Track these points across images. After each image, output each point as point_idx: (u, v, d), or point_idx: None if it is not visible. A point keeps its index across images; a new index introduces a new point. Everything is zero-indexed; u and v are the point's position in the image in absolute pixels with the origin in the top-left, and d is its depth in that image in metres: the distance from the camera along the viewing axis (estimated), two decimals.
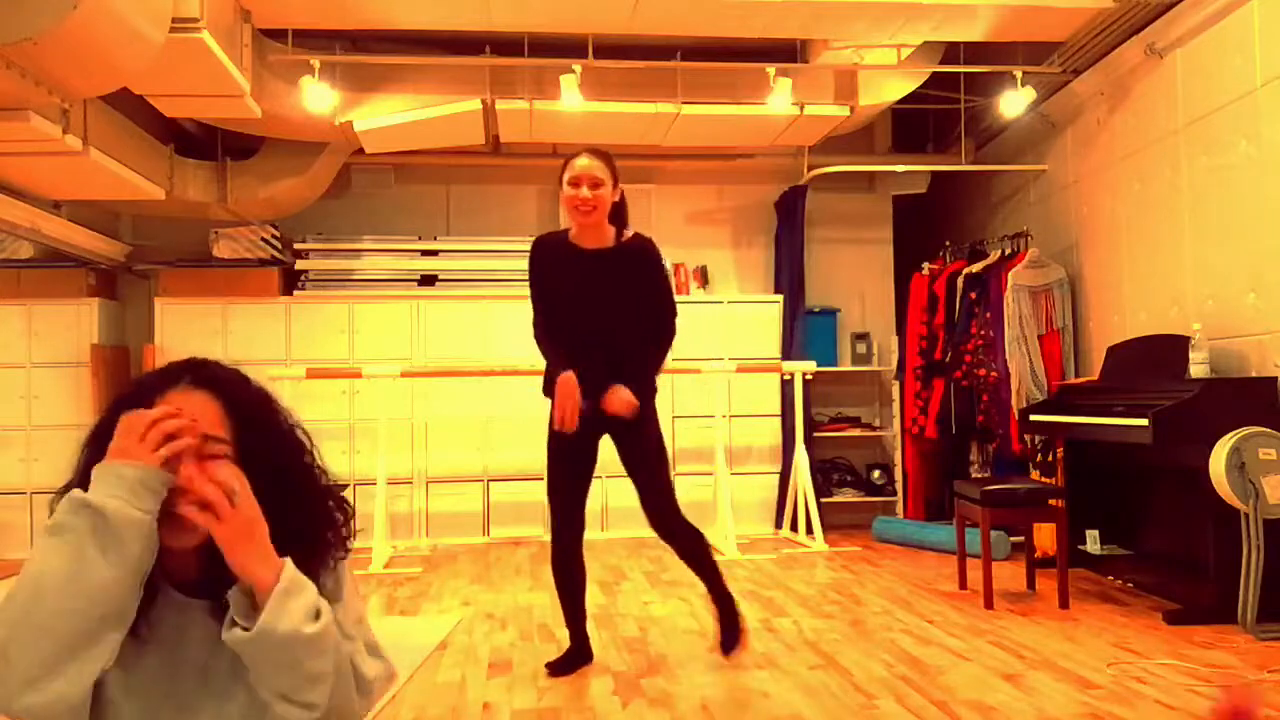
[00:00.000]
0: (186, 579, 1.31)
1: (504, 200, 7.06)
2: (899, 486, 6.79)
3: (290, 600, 1.22)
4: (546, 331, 3.28)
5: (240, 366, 1.48)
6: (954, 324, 6.11)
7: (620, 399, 3.15)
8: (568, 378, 3.12)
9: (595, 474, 3.33)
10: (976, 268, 6.04)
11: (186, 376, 1.32)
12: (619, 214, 3.28)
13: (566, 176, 3.19)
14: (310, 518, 1.38)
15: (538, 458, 3.48)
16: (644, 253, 3.29)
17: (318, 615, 1.23)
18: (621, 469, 3.33)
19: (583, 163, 3.17)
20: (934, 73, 5.77)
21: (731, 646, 3.39)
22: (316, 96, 5.04)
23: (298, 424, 1.45)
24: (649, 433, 3.30)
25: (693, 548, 3.34)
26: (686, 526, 3.31)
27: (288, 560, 1.25)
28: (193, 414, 1.27)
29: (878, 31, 5.02)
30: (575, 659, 3.37)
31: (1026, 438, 5.41)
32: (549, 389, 3.22)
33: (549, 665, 3.34)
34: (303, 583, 1.24)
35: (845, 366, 7.04)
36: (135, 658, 1.27)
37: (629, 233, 3.30)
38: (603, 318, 3.23)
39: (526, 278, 3.35)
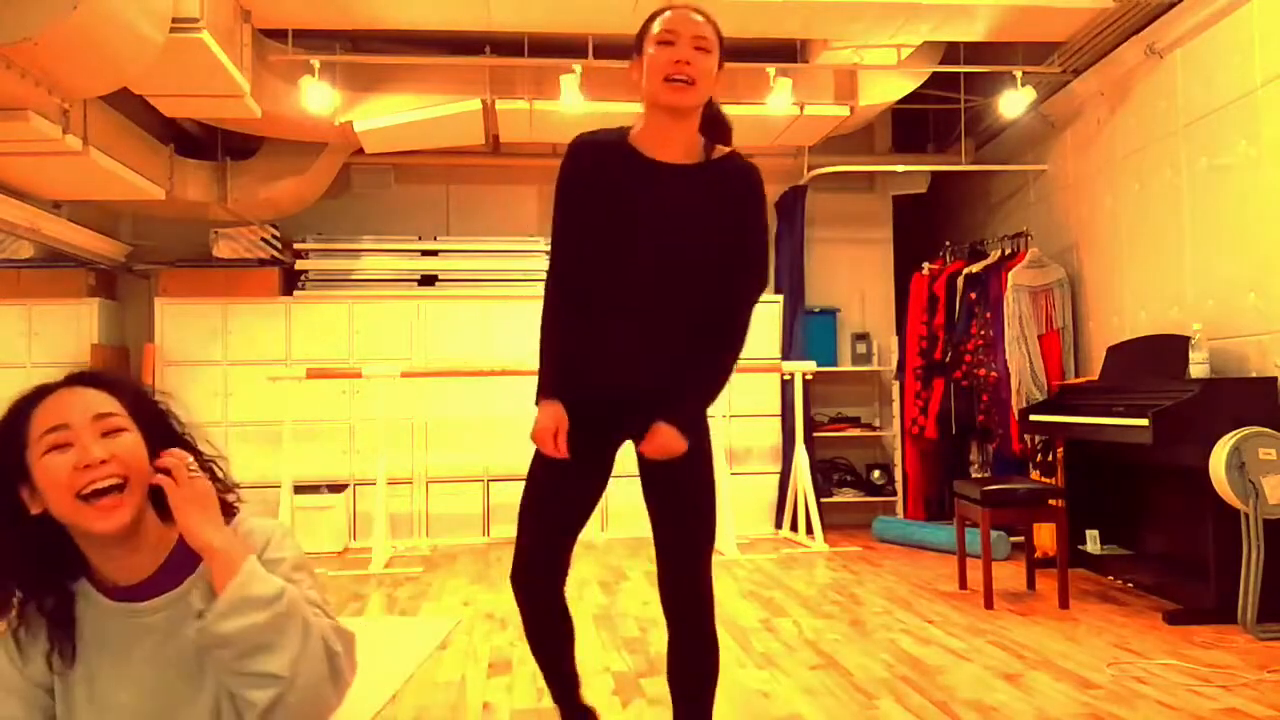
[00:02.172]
0: (137, 579, 1.34)
1: (504, 200, 7.06)
2: (899, 486, 6.79)
3: (251, 585, 1.25)
4: (564, 293, 2.14)
5: (240, 367, 1.51)
6: (954, 324, 6.11)
7: (665, 441, 2.05)
8: (547, 415, 2.09)
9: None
10: (976, 268, 6.04)
11: (65, 382, 1.37)
12: (713, 121, 2.14)
13: (652, 33, 2.05)
14: (210, 478, 1.41)
15: None
16: (748, 180, 2.13)
17: (280, 595, 1.26)
18: (622, 470, 2.27)
19: (679, 13, 2.05)
20: (934, 73, 5.77)
21: None
22: (316, 96, 5.04)
23: (170, 408, 1.46)
24: (699, 470, 2.14)
25: (704, 661, 2.16)
26: (711, 626, 2.15)
27: (251, 557, 1.29)
28: (82, 402, 1.31)
29: (878, 31, 5.02)
30: None
31: (1026, 438, 5.41)
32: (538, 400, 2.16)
33: None
34: (263, 572, 1.28)
35: (845, 366, 7.04)
36: (87, 682, 1.32)
37: (722, 150, 2.13)
38: (675, 269, 2.08)
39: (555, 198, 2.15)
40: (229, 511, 1.39)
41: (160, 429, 1.38)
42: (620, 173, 2.08)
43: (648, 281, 2.08)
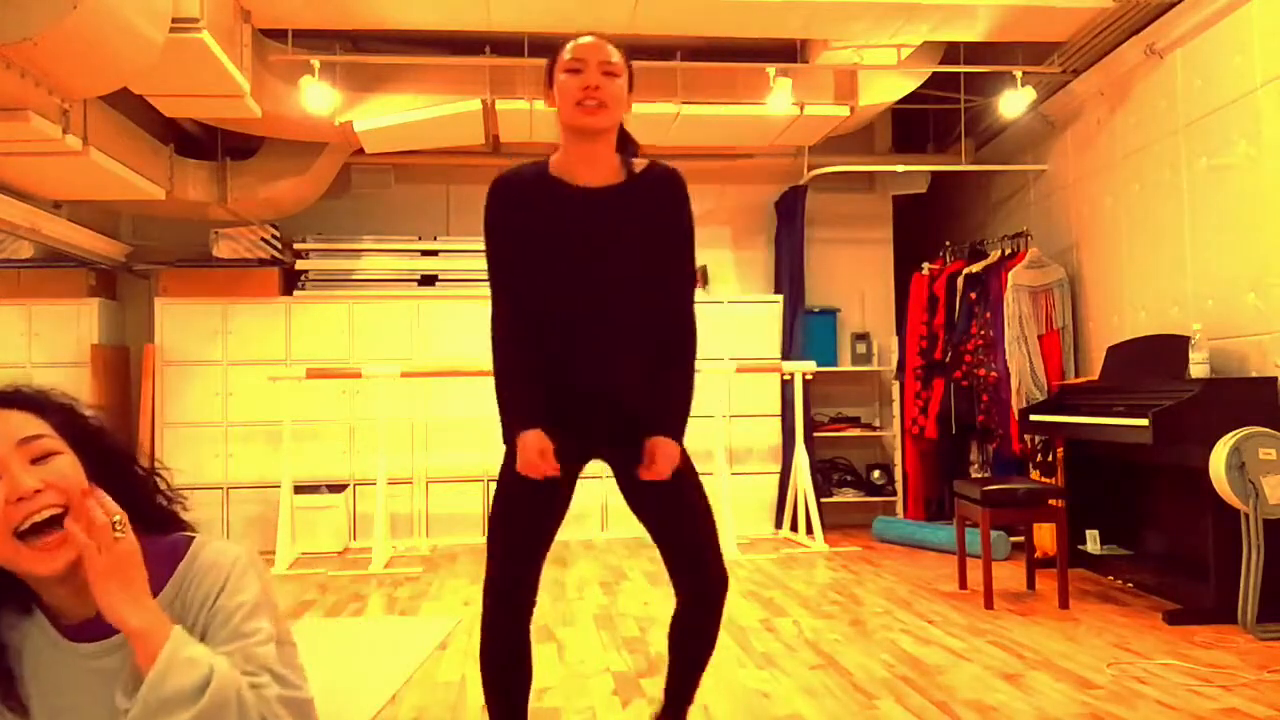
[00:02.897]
0: (83, 617, 1.20)
1: None
2: (899, 486, 6.78)
3: (170, 679, 1.10)
4: (513, 332, 2.13)
5: (240, 367, 1.44)
6: (954, 324, 6.11)
7: (665, 456, 2.11)
8: (532, 442, 2.05)
9: (596, 473, 2.39)
10: (976, 268, 6.04)
11: None
12: (623, 143, 2.21)
13: (562, 61, 2.15)
14: (152, 495, 1.30)
15: None
16: (671, 186, 2.19)
17: (206, 684, 1.11)
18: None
19: (588, 40, 2.18)
20: (934, 73, 5.77)
21: None
22: (316, 96, 5.04)
23: (104, 424, 1.33)
24: (685, 473, 2.20)
25: (713, 631, 2.27)
26: (724, 601, 2.24)
27: (175, 629, 1.14)
28: (4, 428, 1.17)
29: (878, 31, 5.02)
30: None
31: (1026, 438, 5.41)
32: (510, 436, 2.11)
33: None
34: (184, 658, 1.12)
35: (845, 366, 7.04)
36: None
37: (640, 163, 2.19)
38: (605, 287, 2.12)
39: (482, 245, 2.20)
40: (172, 526, 1.29)
41: (95, 448, 1.23)
42: (545, 203, 2.12)
43: (591, 303, 2.11)
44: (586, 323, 2.11)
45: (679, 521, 2.20)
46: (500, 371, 2.14)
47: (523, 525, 2.17)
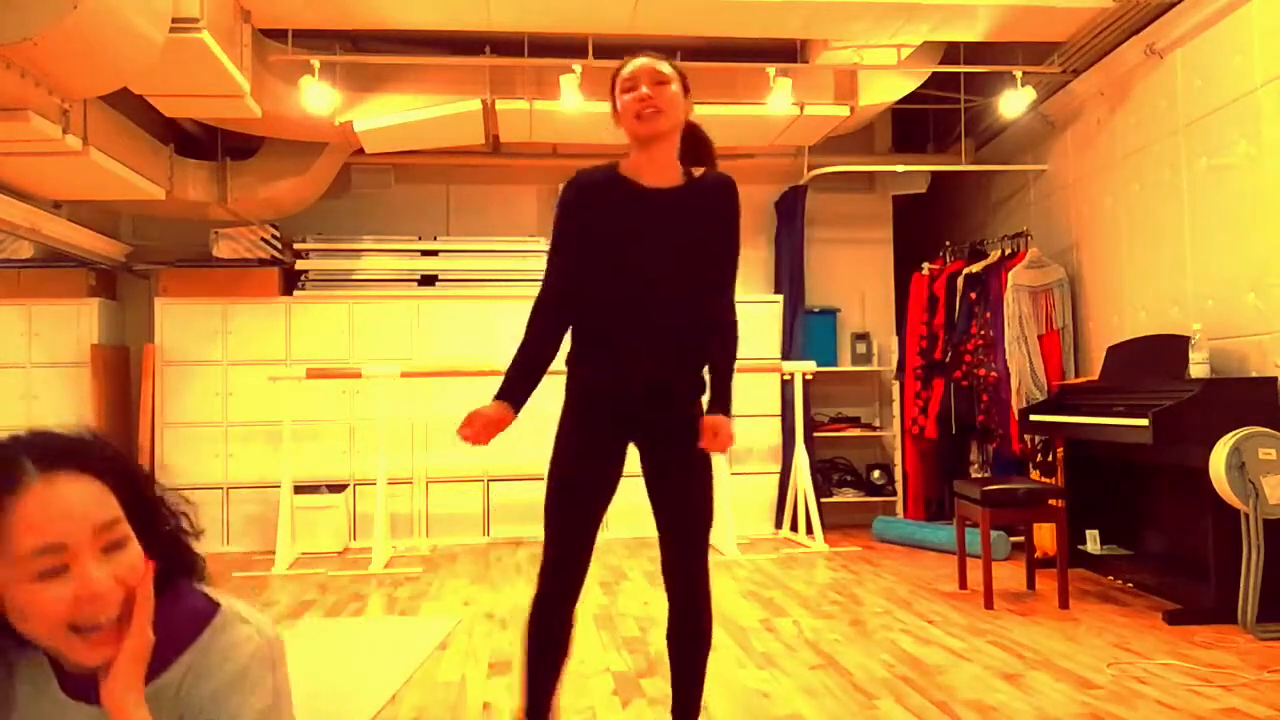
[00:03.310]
0: (87, 670, 1.09)
1: (504, 200, 7.06)
2: (899, 486, 6.78)
3: None
4: (546, 314, 2.38)
5: (240, 367, 1.34)
6: (954, 324, 6.11)
7: (723, 431, 2.32)
8: (490, 411, 2.32)
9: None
10: (976, 268, 6.05)
11: (29, 462, 1.05)
12: (694, 145, 2.45)
13: (620, 83, 2.36)
14: (180, 540, 1.19)
15: (538, 458, 3.17)
16: (727, 192, 2.40)
17: None
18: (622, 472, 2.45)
19: (637, 62, 2.35)
20: (934, 73, 5.77)
21: None
22: (316, 96, 5.04)
23: (142, 469, 1.21)
24: (704, 473, 2.39)
25: (703, 629, 2.42)
26: (709, 601, 2.41)
27: None
28: (80, 508, 1.03)
29: (878, 31, 5.02)
30: None
31: (1026, 438, 5.41)
32: (575, 380, 2.42)
33: None
34: None
35: (845, 366, 7.04)
36: None
37: (698, 169, 2.41)
38: (662, 280, 2.33)
39: (553, 230, 2.39)
40: (194, 572, 1.18)
41: (140, 506, 1.12)
42: (613, 200, 2.34)
43: (647, 291, 2.32)
44: (639, 308, 2.32)
45: (687, 519, 2.37)
46: (521, 344, 2.40)
47: (572, 508, 2.35)
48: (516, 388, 2.36)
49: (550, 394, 2.49)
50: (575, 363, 2.40)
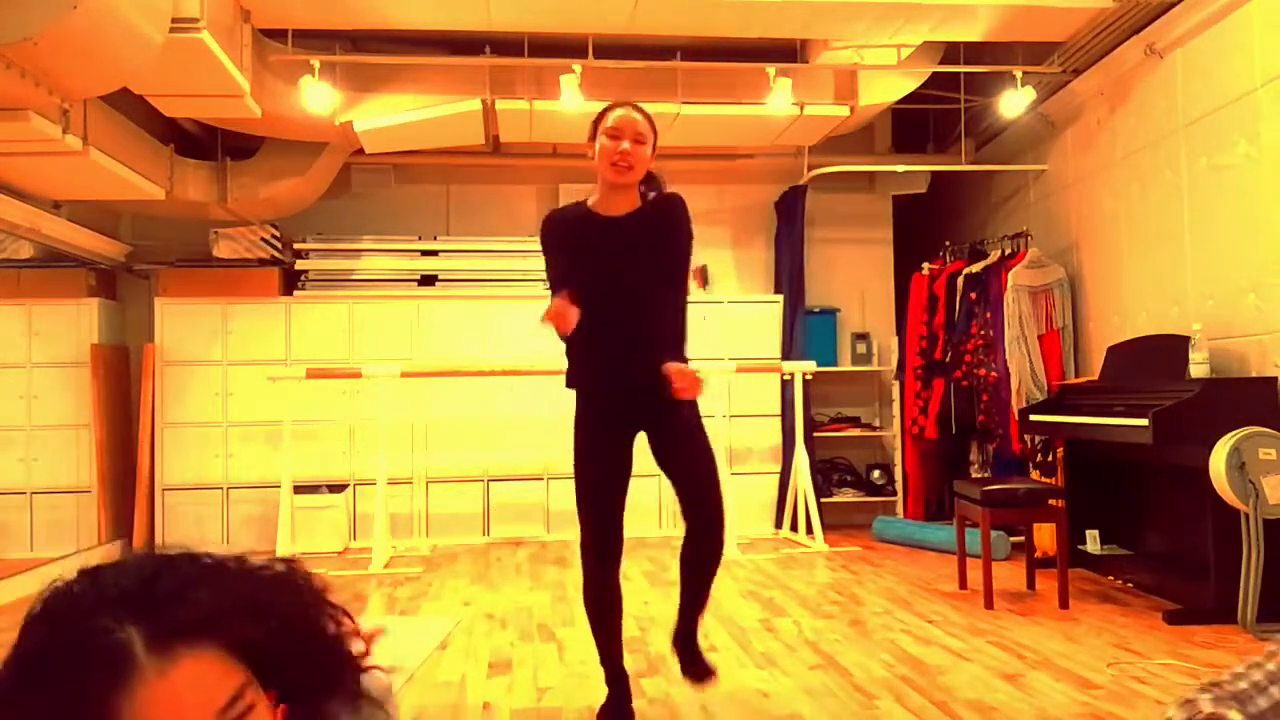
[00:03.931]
0: None
1: (504, 200, 7.06)
2: (899, 486, 6.79)
3: None
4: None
5: (240, 367, 1.18)
6: (954, 324, 6.11)
7: (689, 379, 2.65)
8: (560, 303, 2.63)
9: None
10: (976, 268, 6.05)
11: (139, 644, 0.84)
12: (649, 181, 2.89)
13: (604, 126, 2.77)
14: (352, 669, 1.06)
15: (538, 458, 3.31)
16: (671, 211, 2.82)
17: None
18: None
19: (624, 113, 2.77)
20: (934, 73, 5.77)
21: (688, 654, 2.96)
22: (316, 96, 5.04)
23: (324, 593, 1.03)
24: (700, 437, 2.84)
25: (717, 549, 2.87)
26: (723, 527, 2.87)
27: None
28: (197, 694, 0.86)
29: (878, 31, 5.02)
30: (620, 705, 2.89)
31: (1026, 438, 5.41)
32: (572, 381, 2.87)
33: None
34: None
35: (845, 366, 7.04)
36: None
37: (650, 193, 2.87)
38: (627, 293, 2.77)
39: (542, 266, 2.90)
40: (349, 692, 1.05)
41: (286, 648, 0.94)
42: (582, 231, 2.83)
43: (621, 303, 2.76)
44: (613, 331, 2.76)
45: (694, 466, 2.83)
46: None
47: (598, 493, 2.82)
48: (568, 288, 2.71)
49: (548, 401, 2.67)
50: (575, 373, 2.85)
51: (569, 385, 2.87)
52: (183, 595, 0.87)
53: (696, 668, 2.95)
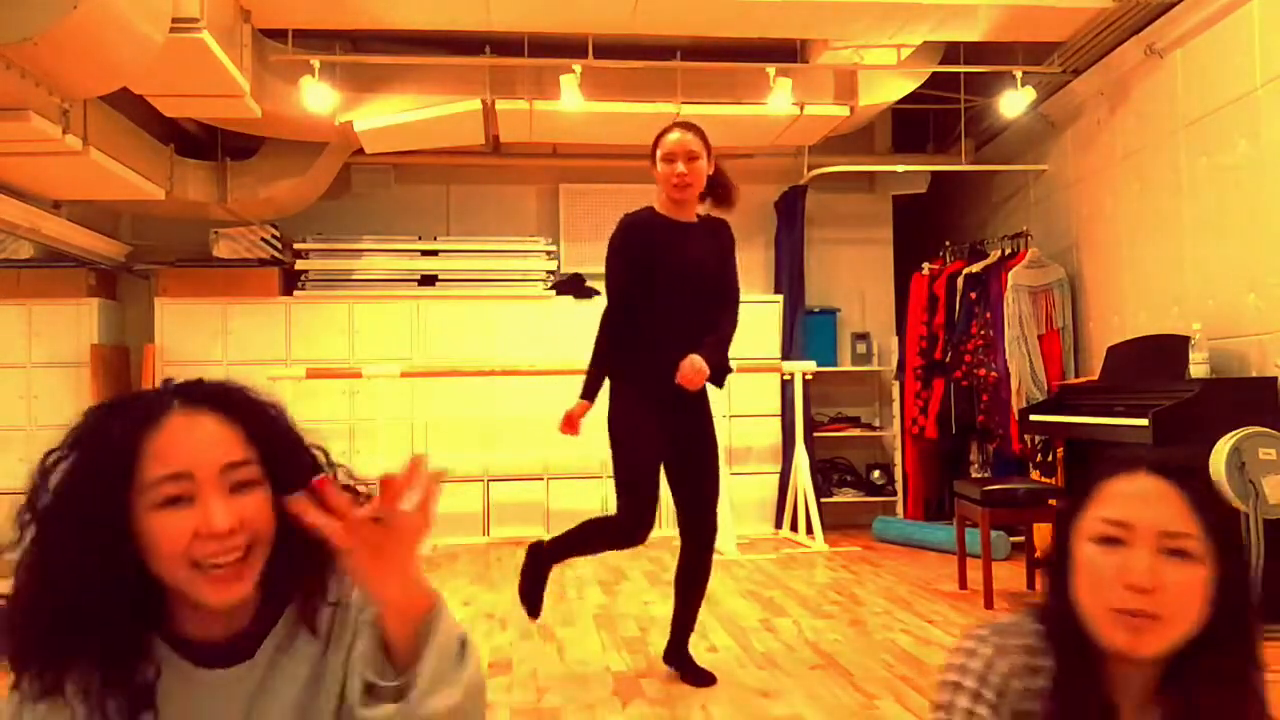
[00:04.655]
0: (206, 639, 1.11)
1: (504, 200, 7.06)
2: (899, 486, 6.78)
3: (444, 660, 1.04)
4: (615, 325, 3.13)
5: (240, 367, 1.36)
6: (954, 324, 6.11)
7: (691, 367, 2.99)
8: (575, 411, 3.13)
9: (596, 473, 3.28)
10: (976, 268, 6.04)
11: (176, 400, 1.09)
12: (714, 187, 3.21)
13: (659, 153, 3.09)
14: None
15: (538, 458, 3.39)
16: (724, 231, 3.27)
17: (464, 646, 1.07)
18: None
19: (675, 137, 3.06)
20: (934, 73, 5.77)
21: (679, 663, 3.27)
22: (316, 96, 5.04)
23: (306, 435, 1.25)
24: (712, 448, 3.25)
25: (707, 567, 3.25)
26: (713, 547, 3.26)
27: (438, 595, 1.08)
28: (209, 442, 1.07)
29: (878, 31, 5.02)
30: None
31: (1026, 438, 5.41)
32: (620, 369, 3.15)
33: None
34: (449, 627, 1.07)
35: (845, 366, 7.03)
36: None
37: (701, 209, 3.24)
38: (702, 295, 3.13)
39: (603, 266, 3.17)
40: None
41: (281, 452, 1.15)
42: (658, 232, 3.13)
43: (684, 302, 3.09)
44: (673, 328, 3.07)
45: (705, 482, 3.17)
46: (595, 353, 3.17)
47: (639, 460, 3.07)
48: (596, 387, 3.14)
49: (548, 401, 2.74)
50: (627, 360, 3.11)
51: (613, 373, 3.13)
52: (215, 384, 1.13)
53: (695, 676, 3.18)
